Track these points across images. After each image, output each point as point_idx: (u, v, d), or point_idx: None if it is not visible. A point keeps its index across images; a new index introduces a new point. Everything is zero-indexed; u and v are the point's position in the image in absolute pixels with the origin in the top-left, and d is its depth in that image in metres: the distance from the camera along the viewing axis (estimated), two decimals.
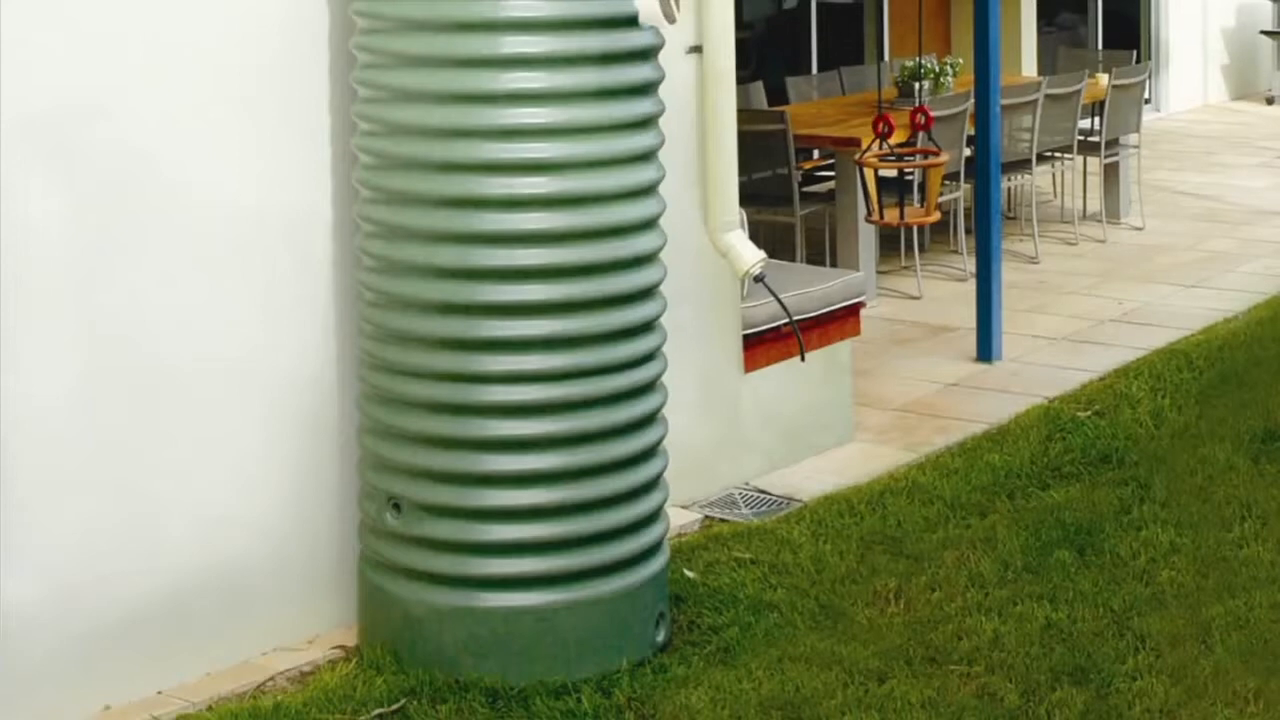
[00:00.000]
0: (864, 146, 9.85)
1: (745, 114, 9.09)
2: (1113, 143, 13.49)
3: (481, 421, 5.85)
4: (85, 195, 5.67)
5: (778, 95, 13.18)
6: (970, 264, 11.06)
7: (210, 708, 5.94)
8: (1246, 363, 9.54)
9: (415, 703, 5.88)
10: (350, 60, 6.10)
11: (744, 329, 7.97)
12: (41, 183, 5.56)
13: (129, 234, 5.78)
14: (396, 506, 5.97)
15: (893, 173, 9.74)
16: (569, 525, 5.91)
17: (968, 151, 11.38)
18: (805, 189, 11.64)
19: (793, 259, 10.74)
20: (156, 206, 5.85)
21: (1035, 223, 12.92)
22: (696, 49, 7.53)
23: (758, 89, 12.68)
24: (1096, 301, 11.26)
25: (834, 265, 11.04)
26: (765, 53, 15.66)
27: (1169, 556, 6.91)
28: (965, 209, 11.91)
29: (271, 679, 6.10)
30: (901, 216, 9.61)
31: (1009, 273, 10.88)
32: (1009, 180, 12.38)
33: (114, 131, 5.72)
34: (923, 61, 12.14)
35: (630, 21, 5.92)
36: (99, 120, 5.68)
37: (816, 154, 12.18)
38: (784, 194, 11.15)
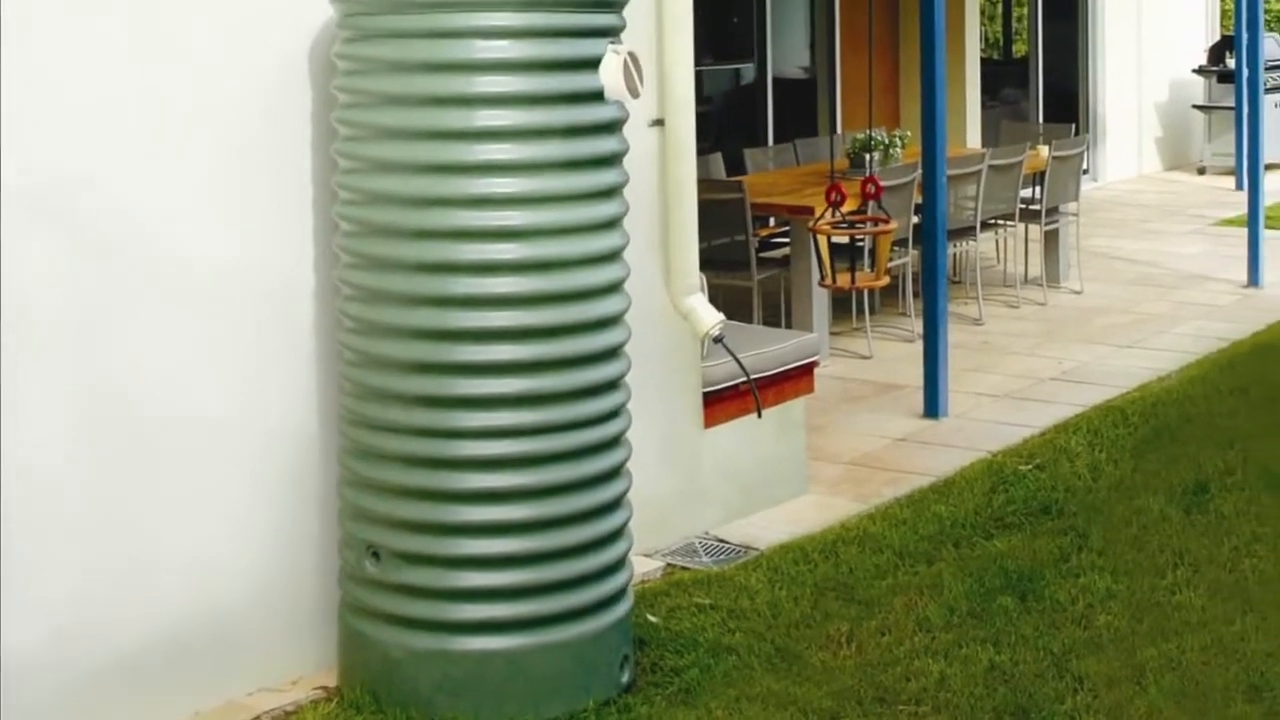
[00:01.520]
0: (817, 214, 9.85)
1: (705, 183, 9.10)
2: (1053, 211, 13.57)
3: (455, 475, 5.83)
4: (82, 260, 5.67)
5: (736, 166, 13.23)
6: (918, 326, 11.09)
7: None
8: (1179, 419, 9.58)
9: None
10: (331, 133, 6.11)
11: (704, 387, 7.98)
12: (41, 249, 5.56)
13: (123, 297, 5.78)
14: (375, 555, 5.95)
15: (844, 239, 9.78)
16: (538, 572, 5.89)
17: (915, 219, 11.39)
18: (762, 255, 11.67)
19: (750, 321, 10.75)
20: (149, 271, 5.84)
21: (979, 286, 12.98)
22: (659, 122, 7.58)
23: (717, 160, 12.72)
24: (1037, 361, 11.30)
25: (789, 327, 11.07)
26: (724, 126, 15.69)
27: (1106, 602, 6.91)
28: (913, 273, 11.95)
29: (257, 718, 6.07)
30: (853, 281, 9.63)
31: (954, 334, 10.90)
32: (954, 246, 12.46)
33: (108, 200, 5.72)
34: (873, 134, 12.22)
35: (596, 96, 5.93)
36: (94, 189, 5.69)
37: (772, 221, 12.22)
38: (742, 259, 11.17)
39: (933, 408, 9.93)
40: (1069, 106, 19.99)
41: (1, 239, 5.45)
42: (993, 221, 13.00)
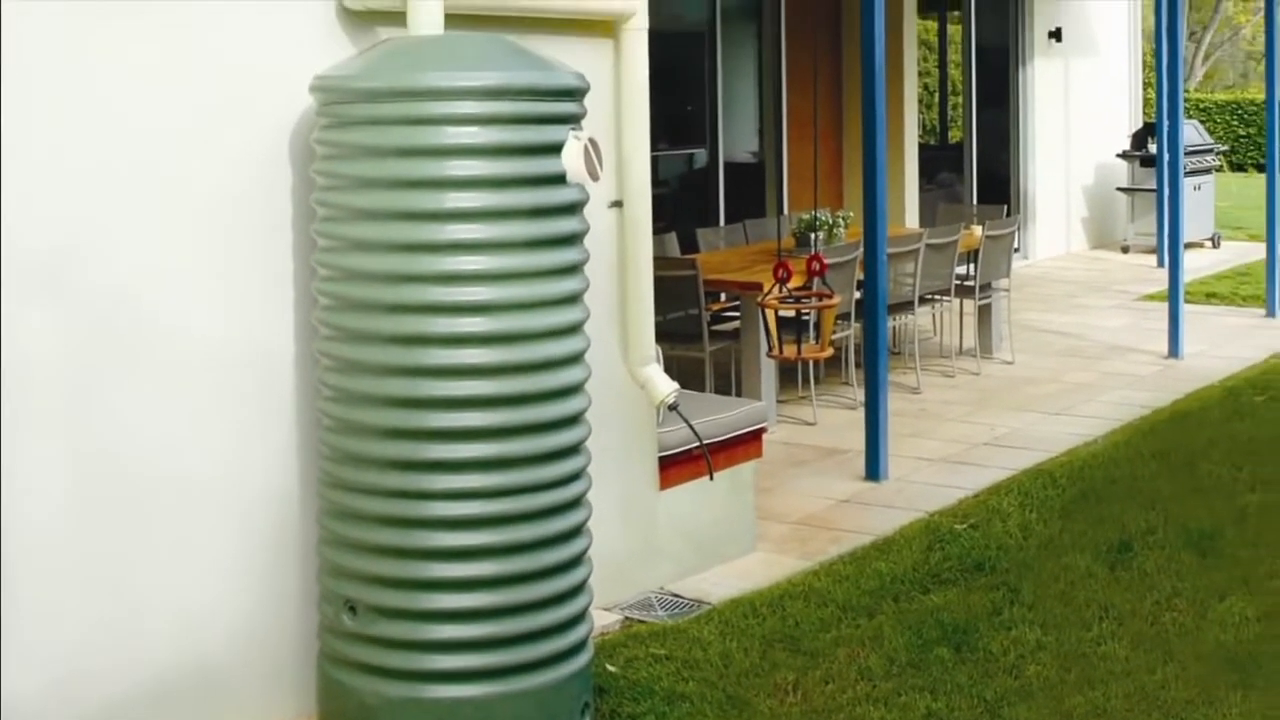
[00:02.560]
0: (765, 290, 9.92)
1: (660, 261, 9.14)
2: (986, 287, 13.61)
3: (427, 533, 5.83)
4: (77, 329, 5.68)
5: (689, 244, 13.28)
6: (859, 394, 11.15)
7: None
8: (1104, 481, 9.63)
9: None
10: (311, 213, 6.13)
11: (659, 451, 8.00)
12: (37, 317, 5.57)
13: (116, 364, 5.78)
14: (352, 609, 5.94)
15: (791, 313, 9.83)
16: (505, 625, 5.88)
17: (857, 294, 11.42)
18: (713, 328, 11.68)
19: (702, 389, 10.79)
20: (140, 339, 5.85)
21: (917, 357, 13.03)
22: (617, 203, 7.61)
23: (671, 239, 12.77)
24: (971, 427, 11.33)
25: (739, 395, 11.09)
26: (678, 207, 15.73)
27: (1036, 653, 6.94)
28: (855, 345, 12.01)
29: None
30: (799, 352, 9.67)
31: (894, 402, 10.95)
32: (894, 320, 12.51)
33: (102, 272, 5.74)
34: (817, 215, 12.31)
35: (558, 179, 5.95)
36: (89, 262, 5.70)
37: (724, 296, 12.25)
38: (695, 332, 11.21)
39: (874, 471, 9.96)
40: (1001, 189, 20.08)
41: (1, 307, 5.48)
42: (930, 297, 13.04)
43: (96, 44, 5.73)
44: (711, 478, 8.13)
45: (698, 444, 8.02)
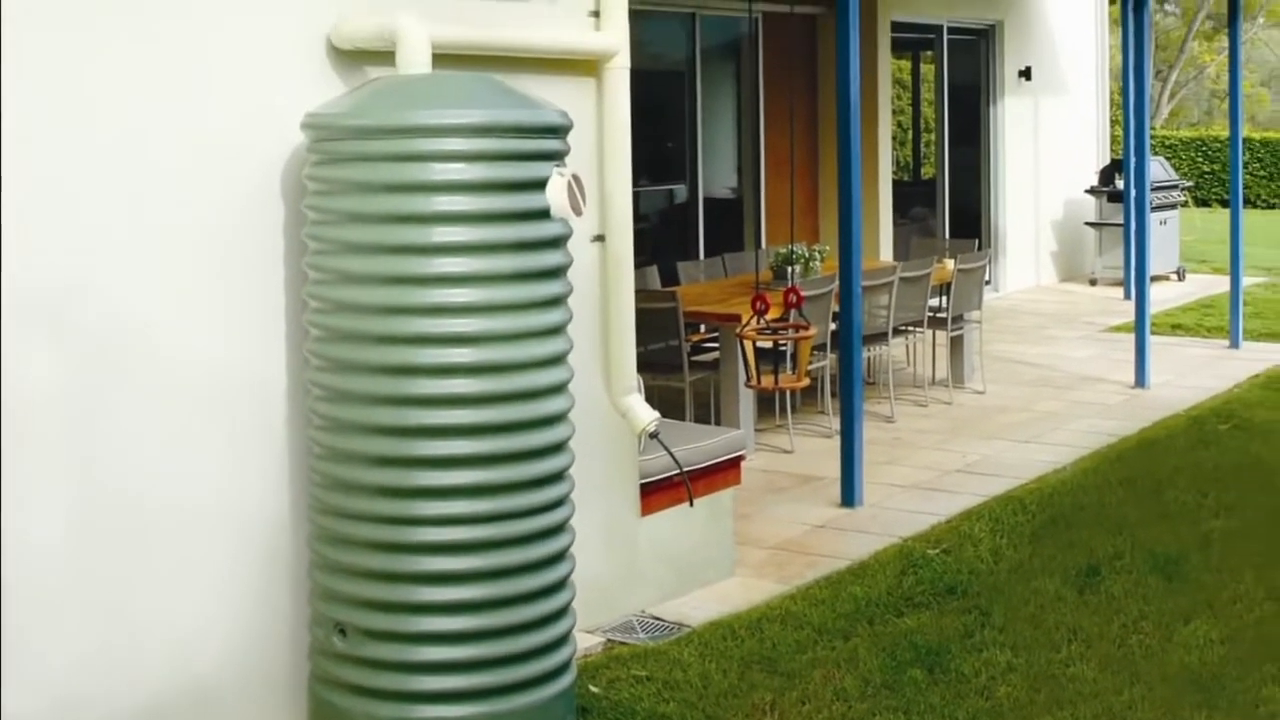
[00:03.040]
0: (744, 321, 9.91)
1: (642, 293, 9.16)
2: (958, 318, 13.65)
3: (415, 558, 5.84)
4: (77, 360, 5.69)
5: (670, 277, 13.28)
6: (835, 423, 11.17)
7: None
8: (1072, 507, 9.64)
9: None
10: (302, 247, 6.15)
11: (641, 478, 8.00)
12: (40, 349, 5.59)
13: (115, 393, 5.80)
14: (342, 631, 5.95)
15: (769, 344, 9.84)
16: (491, 647, 5.89)
17: (833, 326, 11.42)
18: (693, 358, 11.72)
19: (683, 418, 10.78)
20: (138, 370, 5.87)
21: (891, 387, 13.06)
22: (600, 238, 7.63)
23: (653, 272, 12.78)
24: (944, 455, 11.35)
25: (718, 424, 11.11)
26: (659, 241, 15.74)
27: (1006, 674, 6.95)
28: (831, 375, 12.01)
29: None
30: (776, 382, 9.67)
31: (869, 430, 10.99)
32: (869, 351, 12.53)
33: (102, 305, 5.75)
34: (794, 249, 12.32)
35: (543, 214, 5.97)
36: (89, 295, 5.72)
37: (703, 328, 12.26)
38: (675, 362, 11.23)
39: (849, 497, 9.96)
40: (973, 224, 20.11)
41: (3, 339, 5.49)
42: (903, 328, 13.03)
43: (97, 86, 5.76)
44: (691, 504, 8.14)
45: (678, 471, 8.04)
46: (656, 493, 8.10)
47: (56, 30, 5.63)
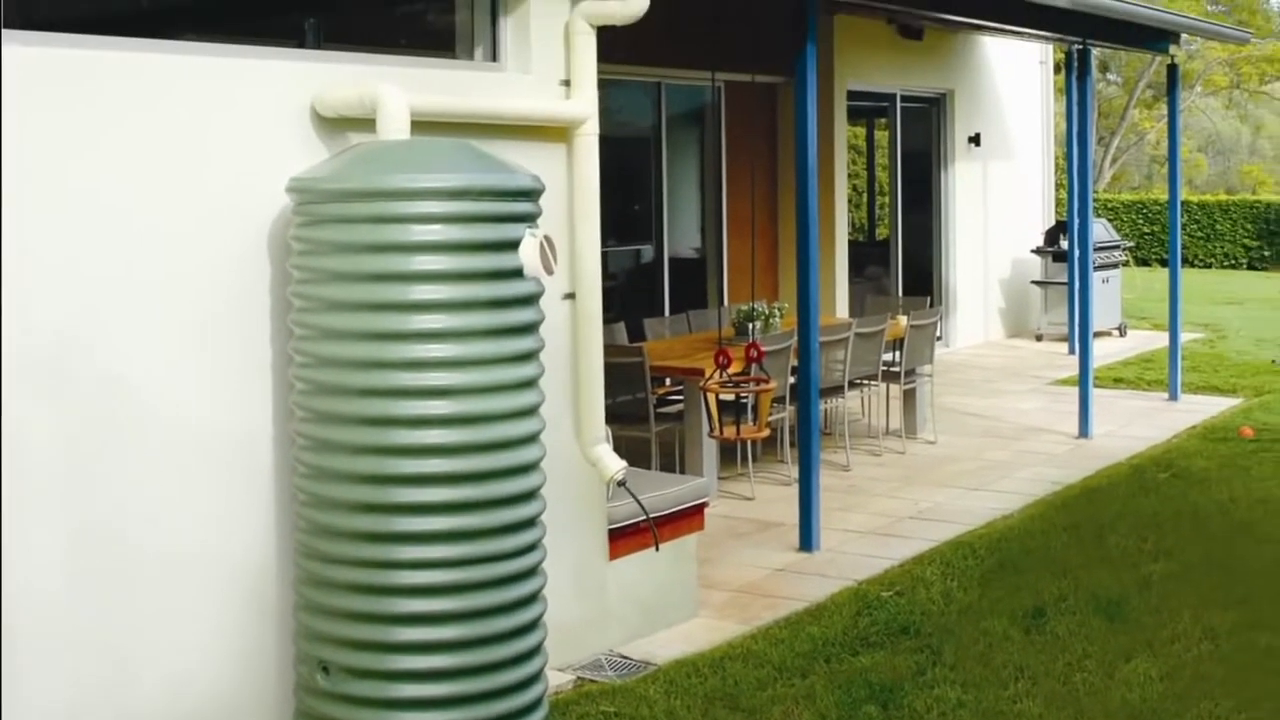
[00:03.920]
0: (707, 375, 9.93)
1: (610, 348, 9.16)
2: (911, 372, 13.65)
3: (394, 600, 5.85)
4: (74, 415, 5.71)
5: (637, 333, 13.27)
6: (794, 471, 11.16)
7: None
8: (1020, 552, 9.67)
9: None
10: (287, 304, 6.17)
11: (609, 524, 8.02)
12: (39, 405, 5.61)
13: (109, 447, 5.81)
14: (325, 669, 5.95)
15: (731, 397, 9.87)
16: (466, 684, 5.90)
17: (792, 379, 11.44)
18: (659, 410, 11.71)
19: (649, 467, 10.77)
20: (132, 424, 5.88)
21: (847, 437, 13.08)
22: (570, 295, 7.66)
23: (620, 328, 12.78)
24: (897, 502, 11.35)
25: (683, 472, 11.10)
26: (627, 298, 15.75)
27: (956, 710, 6.97)
28: (790, 426, 12.02)
29: None
30: (738, 433, 9.70)
31: (826, 478, 11.00)
32: (826, 403, 12.55)
33: (97, 360, 5.77)
34: (755, 306, 12.34)
35: (516, 273, 6.01)
36: (84, 351, 5.74)
37: (668, 381, 12.26)
38: (642, 414, 11.24)
39: (807, 542, 9.96)
40: (925, 282, 20.15)
41: (3, 392, 5.50)
42: (859, 381, 13.05)
43: (95, 152, 5.79)
44: (657, 549, 8.15)
45: (644, 517, 8.05)
46: (624, 538, 8.11)
47: (58, 109, 5.66)
